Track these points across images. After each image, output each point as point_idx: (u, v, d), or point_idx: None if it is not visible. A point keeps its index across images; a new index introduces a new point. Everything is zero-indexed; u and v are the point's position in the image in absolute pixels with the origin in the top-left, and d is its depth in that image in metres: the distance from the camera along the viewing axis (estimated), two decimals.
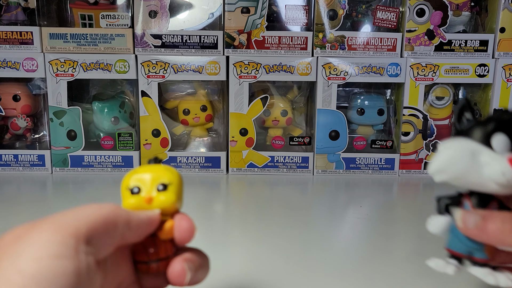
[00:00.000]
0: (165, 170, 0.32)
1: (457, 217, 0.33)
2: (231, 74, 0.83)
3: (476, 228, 0.31)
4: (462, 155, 0.32)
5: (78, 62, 0.83)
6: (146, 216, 0.30)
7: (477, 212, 0.32)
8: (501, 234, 0.30)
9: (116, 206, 0.28)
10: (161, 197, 0.31)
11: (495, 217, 0.31)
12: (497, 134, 0.32)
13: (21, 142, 0.90)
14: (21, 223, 0.26)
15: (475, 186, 0.33)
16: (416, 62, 0.84)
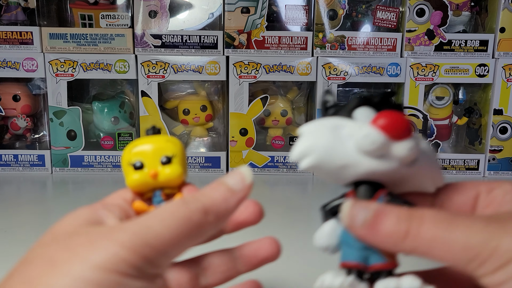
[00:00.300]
0: (167, 142, 0.31)
1: (344, 210, 0.26)
2: (231, 74, 0.83)
3: (365, 226, 0.25)
4: (323, 131, 0.28)
5: (78, 62, 0.82)
6: (220, 194, 0.26)
7: (368, 206, 0.25)
8: (394, 237, 0.24)
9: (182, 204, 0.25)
10: (166, 170, 0.30)
11: (390, 213, 0.25)
12: (358, 108, 0.29)
13: (21, 142, 0.90)
14: (21, 223, 0.26)
15: (347, 170, 0.28)
16: (416, 62, 0.84)
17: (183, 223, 0.24)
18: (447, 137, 0.91)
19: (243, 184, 0.27)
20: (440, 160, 0.89)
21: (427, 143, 0.30)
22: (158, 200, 0.30)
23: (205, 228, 0.25)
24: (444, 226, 0.23)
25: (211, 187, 0.26)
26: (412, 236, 0.24)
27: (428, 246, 0.23)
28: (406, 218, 0.24)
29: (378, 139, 0.27)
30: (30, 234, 0.59)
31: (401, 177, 0.29)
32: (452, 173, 0.88)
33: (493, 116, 0.86)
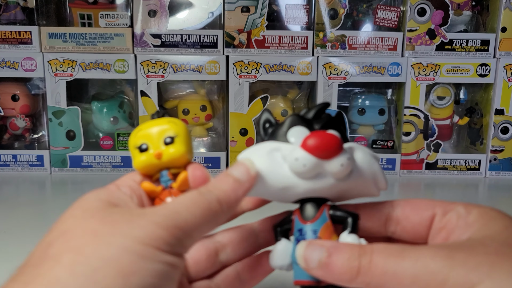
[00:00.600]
0: (169, 122, 0.32)
1: (297, 253, 0.28)
2: (231, 74, 0.83)
3: (320, 267, 0.26)
4: (260, 157, 0.30)
5: (77, 61, 0.82)
6: (229, 187, 0.28)
7: (321, 245, 0.27)
8: (348, 274, 0.25)
9: (200, 195, 0.27)
10: (170, 149, 0.31)
11: (342, 251, 0.26)
12: (292, 128, 0.30)
13: (20, 142, 0.89)
14: (20, 224, 0.26)
15: (287, 191, 0.30)
16: (417, 62, 0.83)
17: (204, 211, 0.26)
18: (448, 137, 0.90)
19: (248, 175, 0.29)
20: (378, 164, 0.88)
21: (364, 150, 0.31)
22: (165, 180, 0.32)
23: (220, 216, 0.27)
24: (393, 259, 0.24)
25: (220, 179, 0.29)
26: (364, 272, 0.25)
27: (380, 280, 0.24)
28: (358, 254, 0.25)
29: (308, 162, 0.28)
30: (29, 234, 0.59)
31: (341, 190, 0.30)
32: (453, 173, 0.87)
33: (494, 116, 0.85)
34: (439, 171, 0.87)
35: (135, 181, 0.31)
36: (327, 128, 0.31)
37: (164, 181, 0.32)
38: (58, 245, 0.23)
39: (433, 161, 0.87)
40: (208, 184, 0.29)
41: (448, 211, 0.29)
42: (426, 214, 0.30)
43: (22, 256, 0.24)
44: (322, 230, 0.30)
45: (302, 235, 0.30)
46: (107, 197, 0.28)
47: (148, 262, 0.23)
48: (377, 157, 0.32)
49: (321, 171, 0.29)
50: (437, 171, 0.87)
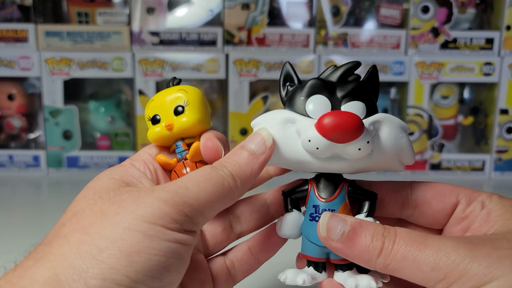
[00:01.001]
0: (179, 90, 0.31)
1: (321, 222, 0.26)
2: (230, 72, 0.82)
3: (341, 240, 0.26)
4: (273, 127, 0.28)
5: (74, 60, 0.81)
6: (244, 161, 0.27)
7: (346, 219, 0.26)
8: (369, 253, 0.25)
9: (213, 170, 0.26)
10: (182, 119, 0.30)
11: (366, 229, 0.25)
12: (312, 97, 0.28)
13: (16, 142, 0.88)
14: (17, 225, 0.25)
15: (300, 165, 0.28)
16: (420, 60, 0.82)
17: (217, 187, 0.26)
18: (452, 137, 0.89)
19: (264, 147, 0.28)
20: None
21: (392, 124, 0.29)
22: (180, 151, 0.31)
23: (234, 192, 0.27)
24: (415, 245, 0.24)
25: (235, 152, 0.28)
26: (385, 254, 0.25)
27: (399, 264, 0.24)
28: (381, 235, 0.25)
29: (321, 145, 0.26)
30: (26, 235, 0.58)
31: (359, 168, 0.28)
32: (457, 174, 0.86)
33: (499, 116, 0.84)
34: (442, 171, 0.86)
35: (151, 154, 0.31)
36: (353, 96, 0.28)
37: (179, 152, 0.31)
38: (69, 225, 0.24)
39: (437, 162, 0.86)
40: (222, 158, 0.28)
41: (472, 201, 0.28)
42: (449, 201, 0.29)
43: (18, 258, 0.25)
44: (340, 210, 0.28)
45: (317, 212, 0.29)
46: (120, 175, 0.28)
47: (154, 241, 0.23)
48: (406, 129, 0.29)
49: (337, 152, 0.27)
50: (440, 172, 0.86)
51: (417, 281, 0.24)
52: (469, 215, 0.28)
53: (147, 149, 0.31)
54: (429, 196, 0.30)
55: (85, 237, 0.23)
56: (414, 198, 0.30)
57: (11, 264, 0.24)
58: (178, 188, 0.25)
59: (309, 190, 0.29)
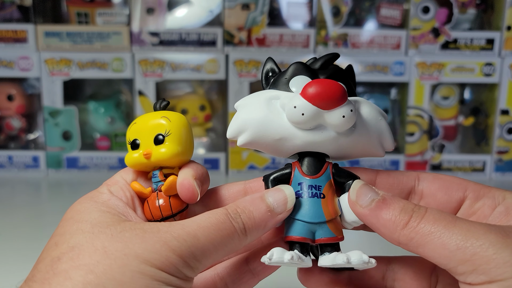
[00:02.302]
0: (162, 117, 0.29)
1: (353, 187, 0.27)
2: (230, 72, 0.82)
3: (370, 207, 0.25)
4: (258, 105, 0.27)
5: (74, 60, 0.81)
6: (260, 216, 0.26)
7: (378, 191, 0.26)
8: (393, 224, 0.24)
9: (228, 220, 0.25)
10: (161, 149, 0.28)
11: (396, 202, 0.25)
12: (295, 77, 0.28)
13: (16, 143, 0.88)
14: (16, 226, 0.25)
15: (284, 142, 0.28)
16: (421, 61, 0.82)
17: (226, 239, 0.25)
18: (453, 138, 0.89)
19: (284, 207, 0.27)
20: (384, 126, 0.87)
21: (371, 105, 0.29)
22: (155, 180, 0.30)
23: (241, 245, 0.26)
24: (444, 223, 0.23)
25: (253, 202, 0.27)
26: (411, 226, 0.24)
27: (424, 239, 0.23)
28: (411, 209, 0.24)
29: (306, 111, 0.26)
30: (25, 236, 0.58)
31: (342, 145, 0.28)
32: (457, 174, 0.86)
33: (499, 117, 0.84)
34: (443, 172, 0.86)
35: (126, 180, 0.29)
36: (335, 78, 0.28)
37: (155, 182, 0.30)
38: (68, 261, 0.23)
39: (438, 163, 0.86)
40: (238, 204, 0.26)
41: (481, 197, 0.28)
42: (456, 195, 0.28)
43: (18, 258, 0.24)
44: (326, 188, 0.28)
45: (304, 189, 0.28)
46: (108, 208, 0.26)
47: (161, 286, 0.23)
48: (385, 115, 0.30)
49: (321, 123, 0.27)
50: (441, 172, 0.86)
51: (439, 260, 0.23)
52: (477, 211, 0.27)
53: (124, 174, 0.30)
54: (435, 188, 0.29)
55: (90, 276, 0.22)
56: (420, 189, 0.29)
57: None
58: (187, 236, 0.24)
59: (293, 170, 0.29)
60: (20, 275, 0.47)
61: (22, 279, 0.24)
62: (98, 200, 0.27)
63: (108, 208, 0.26)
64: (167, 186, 0.29)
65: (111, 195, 0.28)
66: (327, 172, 0.28)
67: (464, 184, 0.28)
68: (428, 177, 0.29)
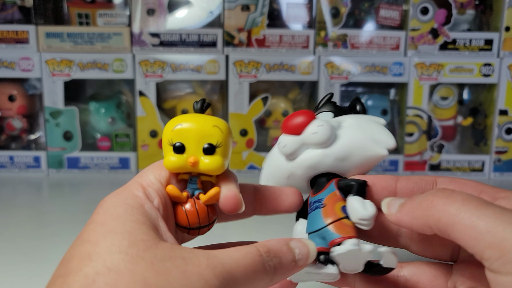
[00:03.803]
0: (213, 126, 0.28)
1: (382, 203, 0.29)
2: (230, 73, 0.82)
3: (400, 210, 0.27)
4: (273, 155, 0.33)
5: (75, 61, 0.81)
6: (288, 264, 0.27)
7: (400, 199, 0.28)
8: (421, 212, 0.25)
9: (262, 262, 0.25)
10: (207, 160, 0.28)
11: (415, 196, 0.27)
12: None
13: (17, 143, 0.88)
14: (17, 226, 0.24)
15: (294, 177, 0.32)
16: (420, 61, 0.82)
17: (257, 279, 0.25)
18: (452, 138, 0.89)
19: (305, 261, 0.28)
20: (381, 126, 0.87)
21: (358, 117, 0.32)
22: (193, 187, 0.29)
23: (266, 284, 0.26)
24: (474, 205, 0.22)
25: (282, 250, 0.27)
26: (437, 205, 0.24)
27: (453, 218, 0.23)
28: (432, 194, 0.25)
29: (286, 142, 0.31)
30: (26, 237, 0.58)
31: (335, 157, 0.31)
32: (456, 174, 0.86)
33: (498, 117, 0.84)
34: (442, 172, 0.86)
35: (161, 182, 0.28)
36: (323, 110, 0.34)
37: (191, 188, 0.29)
38: (103, 286, 0.21)
39: (436, 163, 0.86)
40: (270, 247, 0.26)
41: (496, 199, 0.27)
42: None
43: (19, 257, 0.23)
44: (327, 198, 0.30)
45: (311, 206, 0.31)
46: (144, 217, 0.25)
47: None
48: (377, 121, 0.32)
49: (303, 147, 0.31)
50: (440, 173, 0.86)
51: (466, 242, 0.22)
52: None
53: (157, 173, 0.29)
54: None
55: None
56: None
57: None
58: (227, 275, 0.23)
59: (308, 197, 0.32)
60: (21, 275, 0.48)
61: (26, 276, 0.24)
62: (133, 204, 0.26)
63: (144, 217, 0.25)
64: (209, 197, 0.28)
65: (147, 200, 0.27)
66: (330, 186, 0.30)
67: (480, 187, 0.28)
68: (445, 181, 0.29)
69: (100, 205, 0.26)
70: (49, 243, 0.56)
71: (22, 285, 0.46)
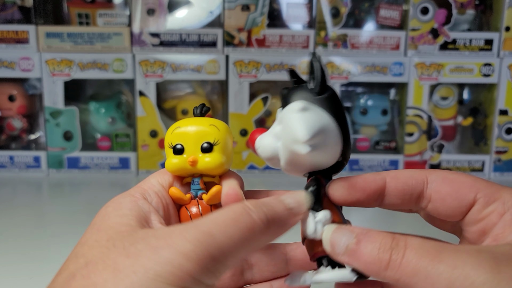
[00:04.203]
0: (210, 125, 0.29)
1: (324, 237, 0.26)
2: (230, 73, 0.82)
3: (346, 253, 0.24)
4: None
5: (75, 61, 0.81)
6: (281, 211, 0.25)
7: (350, 231, 0.25)
8: (376, 265, 0.23)
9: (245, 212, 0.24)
10: (206, 158, 0.28)
11: (372, 240, 0.24)
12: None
13: (17, 143, 0.88)
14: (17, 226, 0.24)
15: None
16: (420, 61, 0.82)
17: (246, 233, 0.23)
18: (452, 138, 0.89)
19: (299, 209, 0.26)
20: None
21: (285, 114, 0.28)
22: (195, 188, 0.29)
23: (264, 240, 0.24)
24: (428, 260, 0.22)
25: (271, 202, 0.26)
26: (393, 267, 0.23)
27: (411, 279, 0.22)
28: (389, 247, 0.23)
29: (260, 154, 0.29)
30: (26, 237, 0.58)
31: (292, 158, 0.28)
32: None
33: (498, 117, 0.84)
34: None
35: (163, 185, 0.29)
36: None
37: (194, 189, 0.29)
38: (80, 279, 0.22)
39: (437, 163, 0.86)
40: (258, 200, 0.25)
41: (491, 202, 0.26)
42: (466, 200, 0.27)
43: (19, 257, 0.23)
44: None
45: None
46: (130, 211, 0.25)
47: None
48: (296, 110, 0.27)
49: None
50: None
51: None
52: (486, 217, 0.26)
53: (160, 178, 0.29)
54: (444, 192, 0.27)
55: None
56: (429, 193, 0.28)
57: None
58: (201, 235, 0.22)
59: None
60: (21, 275, 0.48)
61: (27, 277, 0.24)
62: (123, 201, 0.26)
63: (130, 211, 0.25)
64: (211, 196, 0.29)
65: (141, 198, 0.27)
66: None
67: (476, 187, 0.27)
68: (437, 179, 0.28)
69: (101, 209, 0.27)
70: (49, 243, 0.56)
71: (22, 285, 0.46)
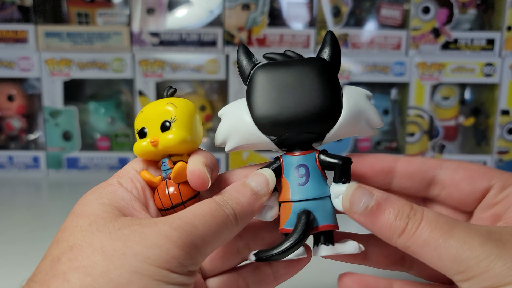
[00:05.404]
0: (167, 104, 0.29)
1: (345, 194, 0.26)
2: (231, 73, 0.82)
3: (364, 214, 0.25)
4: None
5: (74, 61, 0.81)
6: (247, 200, 0.27)
7: (371, 192, 0.25)
8: (391, 231, 0.24)
9: (219, 207, 0.26)
10: (168, 136, 0.28)
11: (392, 206, 0.25)
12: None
13: (16, 143, 0.88)
14: (16, 226, 0.24)
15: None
16: (421, 61, 0.82)
17: (221, 226, 0.25)
18: (453, 138, 0.89)
19: (266, 189, 0.28)
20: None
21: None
22: (164, 169, 0.29)
23: (235, 231, 0.26)
24: (440, 233, 0.23)
25: (237, 189, 0.27)
26: (407, 235, 0.24)
27: (420, 249, 0.24)
28: (406, 216, 0.24)
29: None
30: (25, 237, 0.58)
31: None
32: None
33: (500, 117, 0.84)
34: None
35: (137, 170, 0.29)
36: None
37: (164, 170, 0.29)
38: (66, 262, 0.23)
39: None
40: (224, 193, 0.27)
41: (507, 186, 0.27)
42: (481, 185, 0.27)
43: (18, 258, 0.24)
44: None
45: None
46: (109, 199, 0.26)
47: (161, 286, 0.22)
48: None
49: None
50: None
51: (436, 268, 0.24)
52: (501, 201, 0.27)
53: (134, 164, 0.30)
54: (458, 178, 0.28)
55: (87, 279, 0.22)
56: (442, 178, 0.28)
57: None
58: (185, 225, 0.24)
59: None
60: (20, 275, 0.47)
61: (26, 278, 0.24)
62: (103, 191, 0.27)
63: (110, 200, 0.26)
64: (175, 172, 0.28)
65: (119, 186, 0.27)
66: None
67: (490, 174, 0.27)
68: (451, 166, 0.28)
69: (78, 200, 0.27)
70: (49, 244, 0.56)
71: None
